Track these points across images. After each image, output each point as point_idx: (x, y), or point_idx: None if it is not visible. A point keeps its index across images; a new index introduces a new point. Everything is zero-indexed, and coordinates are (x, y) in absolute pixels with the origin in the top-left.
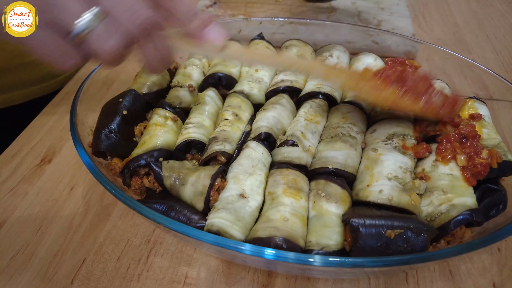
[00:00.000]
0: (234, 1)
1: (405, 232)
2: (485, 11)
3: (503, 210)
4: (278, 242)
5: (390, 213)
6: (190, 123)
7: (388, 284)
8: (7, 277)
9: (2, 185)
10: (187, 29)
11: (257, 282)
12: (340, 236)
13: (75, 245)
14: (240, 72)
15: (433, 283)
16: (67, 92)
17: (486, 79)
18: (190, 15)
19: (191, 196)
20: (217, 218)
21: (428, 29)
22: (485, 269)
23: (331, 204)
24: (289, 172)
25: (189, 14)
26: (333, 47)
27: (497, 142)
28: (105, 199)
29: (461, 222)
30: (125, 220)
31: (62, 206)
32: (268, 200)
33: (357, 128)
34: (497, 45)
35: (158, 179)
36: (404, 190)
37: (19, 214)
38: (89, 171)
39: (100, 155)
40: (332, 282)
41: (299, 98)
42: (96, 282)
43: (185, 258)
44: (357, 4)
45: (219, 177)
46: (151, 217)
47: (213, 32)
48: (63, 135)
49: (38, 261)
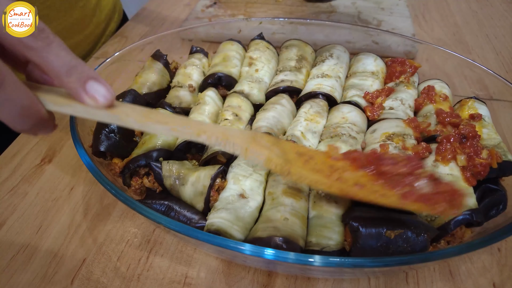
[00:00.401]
0: (234, 1)
1: (405, 232)
2: (485, 11)
3: (503, 210)
4: (278, 242)
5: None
6: None
7: (388, 284)
8: (7, 277)
9: (2, 185)
10: (64, 87)
11: (257, 282)
12: (340, 236)
13: (75, 245)
14: (240, 72)
15: (433, 283)
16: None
17: (486, 79)
18: (64, 70)
19: (191, 196)
20: (217, 218)
21: (428, 29)
22: (485, 269)
23: (331, 204)
24: None
25: (63, 69)
26: (333, 47)
27: (497, 142)
28: (105, 199)
29: (461, 222)
30: (125, 220)
31: (62, 206)
32: (268, 200)
33: (357, 128)
34: (497, 45)
35: (158, 179)
36: None
37: (19, 214)
38: (89, 171)
39: (100, 155)
40: (332, 282)
41: (299, 98)
42: (96, 282)
43: (185, 258)
44: (357, 4)
45: (219, 177)
46: (151, 217)
47: (95, 89)
48: (63, 135)
49: (38, 261)
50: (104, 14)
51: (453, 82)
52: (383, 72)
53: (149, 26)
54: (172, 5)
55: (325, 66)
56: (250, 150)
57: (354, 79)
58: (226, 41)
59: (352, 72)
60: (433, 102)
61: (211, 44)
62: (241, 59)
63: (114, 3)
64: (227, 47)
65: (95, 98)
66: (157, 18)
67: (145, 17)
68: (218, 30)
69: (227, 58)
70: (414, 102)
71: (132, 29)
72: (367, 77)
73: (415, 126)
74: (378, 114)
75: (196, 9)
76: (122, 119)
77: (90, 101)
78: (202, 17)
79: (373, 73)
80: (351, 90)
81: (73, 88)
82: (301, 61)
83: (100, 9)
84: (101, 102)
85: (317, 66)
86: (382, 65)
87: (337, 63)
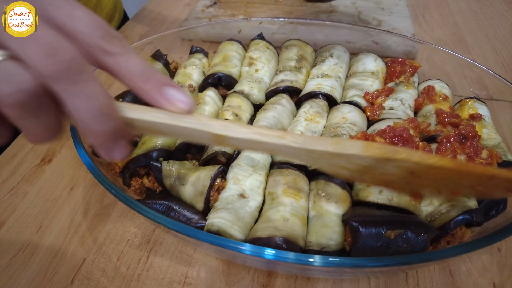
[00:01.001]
0: (234, 1)
1: (405, 232)
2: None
3: (503, 210)
4: (278, 242)
5: (390, 213)
6: None
7: (388, 284)
8: (7, 277)
9: (2, 185)
10: (141, 92)
11: (257, 282)
12: (340, 236)
13: (75, 245)
14: (240, 72)
15: (433, 283)
16: None
17: (486, 79)
18: (141, 75)
19: (191, 196)
20: (217, 218)
21: (428, 29)
22: (485, 269)
23: (331, 204)
24: (289, 172)
25: (140, 74)
26: (333, 47)
27: (497, 142)
28: (105, 199)
29: (461, 222)
30: (125, 220)
31: (62, 206)
32: (268, 200)
33: (357, 128)
34: (497, 45)
35: (158, 179)
36: None
37: (19, 214)
38: (89, 171)
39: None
40: (332, 282)
41: (299, 98)
42: (96, 282)
43: (185, 258)
44: (357, 4)
45: (219, 177)
46: (151, 217)
47: (177, 94)
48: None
49: (38, 261)
50: (104, 13)
51: (453, 82)
52: (383, 72)
53: (149, 26)
54: (172, 5)
55: (325, 66)
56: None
57: (354, 79)
58: (226, 41)
59: (352, 72)
60: (433, 102)
61: (211, 44)
62: (241, 59)
63: (115, 3)
64: (227, 47)
65: (173, 103)
66: (157, 18)
67: (145, 17)
68: (218, 30)
69: (227, 58)
70: (414, 102)
71: (132, 29)
72: (367, 77)
73: (415, 126)
74: (378, 114)
75: (196, 9)
76: (206, 124)
77: (169, 105)
78: (202, 17)
79: (373, 73)
80: (351, 90)
81: (151, 93)
82: (301, 61)
83: (100, 8)
84: (179, 107)
85: (317, 66)
86: (382, 65)
87: (337, 63)
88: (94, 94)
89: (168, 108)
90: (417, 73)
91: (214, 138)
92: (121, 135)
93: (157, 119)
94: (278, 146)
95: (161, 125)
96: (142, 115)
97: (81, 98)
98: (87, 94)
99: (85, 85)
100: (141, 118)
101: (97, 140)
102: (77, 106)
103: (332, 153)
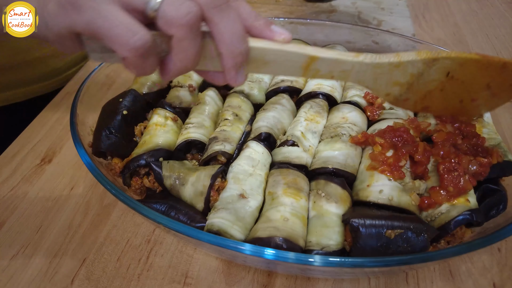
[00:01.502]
0: None
1: (405, 232)
2: (485, 11)
3: (503, 210)
4: (278, 242)
5: (390, 213)
6: (190, 123)
7: (388, 284)
8: (7, 277)
9: (2, 185)
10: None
11: (257, 282)
12: (340, 236)
13: (75, 245)
14: None
15: (433, 283)
16: (67, 92)
17: None
18: (253, 16)
19: (191, 196)
20: (217, 218)
21: (428, 29)
22: (485, 269)
23: (331, 204)
24: (289, 172)
25: (252, 15)
26: (333, 47)
27: (497, 142)
28: (105, 199)
29: (461, 222)
30: (125, 220)
31: (62, 206)
32: (268, 200)
33: (357, 128)
34: (497, 45)
35: (158, 179)
36: (404, 190)
37: (19, 214)
38: (89, 171)
39: (100, 155)
40: (332, 282)
41: (299, 98)
42: (96, 282)
43: (185, 258)
44: (357, 4)
45: (219, 177)
46: (151, 217)
47: (279, 29)
48: (63, 135)
49: (38, 261)
50: None
51: None
52: None
53: None
54: None
55: None
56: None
57: None
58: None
59: None
60: None
61: None
62: None
63: None
64: None
65: (279, 34)
66: None
67: None
68: None
69: None
70: None
71: None
72: None
73: (415, 126)
74: (378, 114)
75: None
76: (302, 48)
77: (276, 35)
78: None
79: None
80: (351, 90)
81: (262, 28)
82: None
83: None
84: (283, 37)
85: None
86: None
87: None
88: (237, 21)
89: (275, 38)
90: None
91: (306, 60)
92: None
93: (269, 46)
94: (353, 63)
95: (270, 51)
96: (259, 44)
97: (228, 22)
98: (233, 20)
99: (231, 13)
100: (259, 46)
101: (232, 61)
102: (225, 29)
103: (394, 63)
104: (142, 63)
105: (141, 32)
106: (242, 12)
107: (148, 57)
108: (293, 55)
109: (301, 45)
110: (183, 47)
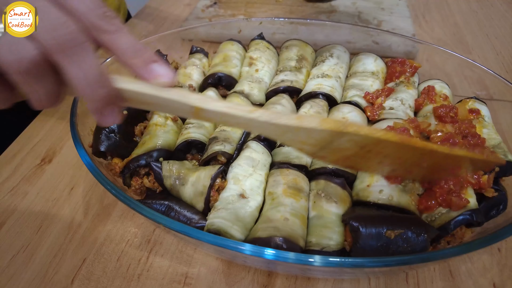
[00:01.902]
0: (234, 1)
1: (405, 232)
2: (485, 11)
3: (503, 210)
4: (278, 242)
5: (390, 213)
6: (190, 123)
7: (388, 284)
8: (7, 277)
9: (2, 185)
10: (130, 66)
11: (257, 282)
12: (340, 236)
13: (75, 245)
14: (240, 72)
15: (433, 283)
16: None
17: (486, 79)
18: (131, 51)
19: (191, 196)
20: (217, 218)
21: (429, 29)
22: (485, 269)
23: (331, 204)
24: (289, 172)
25: (130, 50)
26: (333, 47)
27: (497, 142)
28: (105, 199)
29: (461, 223)
30: (125, 220)
31: (62, 206)
32: (268, 200)
33: None
34: (497, 45)
35: (158, 179)
36: (404, 191)
37: (19, 214)
38: (89, 171)
39: (100, 155)
40: (332, 282)
41: (299, 98)
42: (96, 282)
43: (185, 258)
44: (357, 4)
45: (219, 177)
46: (151, 217)
47: (160, 69)
48: (63, 135)
49: (38, 261)
50: None
51: (453, 82)
52: (383, 72)
53: (149, 26)
54: (172, 5)
55: (325, 66)
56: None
57: (354, 79)
58: (226, 41)
59: (352, 72)
60: (433, 102)
61: (211, 44)
62: (241, 59)
63: (119, 3)
64: (227, 47)
65: (156, 76)
66: (158, 18)
67: (145, 17)
68: (218, 30)
69: (227, 58)
70: (414, 102)
71: (132, 29)
72: (367, 77)
73: (415, 126)
74: (378, 114)
75: (197, 9)
76: (185, 96)
77: (152, 78)
78: (203, 17)
79: (373, 73)
80: (351, 90)
81: (138, 68)
82: (301, 61)
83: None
84: (161, 80)
85: (317, 66)
86: (382, 65)
87: (337, 63)
88: (90, 65)
89: (151, 81)
90: (417, 73)
91: (192, 110)
92: (113, 102)
93: (143, 90)
94: (247, 119)
95: (146, 96)
96: (130, 86)
97: (79, 67)
98: (84, 64)
99: (82, 57)
100: (130, 89)
101: (92, 105)
102: (75, 74)
103: (294, 127)
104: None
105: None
106: (118, 47)
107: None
108: (174, 102)
109: (184, 92)
110: (30, 89)
